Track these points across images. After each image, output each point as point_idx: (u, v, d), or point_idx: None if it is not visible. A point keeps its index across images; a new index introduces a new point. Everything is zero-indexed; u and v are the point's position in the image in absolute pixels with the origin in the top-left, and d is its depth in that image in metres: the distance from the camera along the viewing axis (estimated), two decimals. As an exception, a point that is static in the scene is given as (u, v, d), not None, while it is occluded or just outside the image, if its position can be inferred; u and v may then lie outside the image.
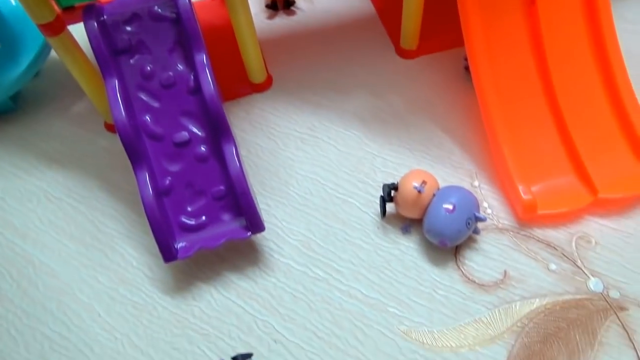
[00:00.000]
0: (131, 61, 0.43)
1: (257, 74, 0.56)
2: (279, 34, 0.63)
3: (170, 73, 0.43)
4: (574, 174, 0.43)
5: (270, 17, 0.65)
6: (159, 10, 0.43)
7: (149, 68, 0.43)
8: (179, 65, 0.43)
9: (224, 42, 0.58)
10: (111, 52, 0.42)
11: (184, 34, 0.43)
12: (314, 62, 0.59)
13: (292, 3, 0.65)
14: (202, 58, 0.42)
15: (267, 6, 0.65)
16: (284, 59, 0.60)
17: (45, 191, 0.51)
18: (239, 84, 0.57)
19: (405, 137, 0.51)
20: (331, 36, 0.62)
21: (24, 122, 0.58)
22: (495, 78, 0.44)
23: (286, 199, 0.48)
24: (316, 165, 0.50)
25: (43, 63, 0.58)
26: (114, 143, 0.54)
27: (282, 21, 0.65)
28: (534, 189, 0.42)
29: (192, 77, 0.43)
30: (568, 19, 0.45)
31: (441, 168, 0.48)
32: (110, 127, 0.55)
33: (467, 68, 0.47)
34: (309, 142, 0.52)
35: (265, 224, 0.46)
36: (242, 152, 0.52)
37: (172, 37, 0.43)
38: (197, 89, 0.43)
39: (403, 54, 0.58)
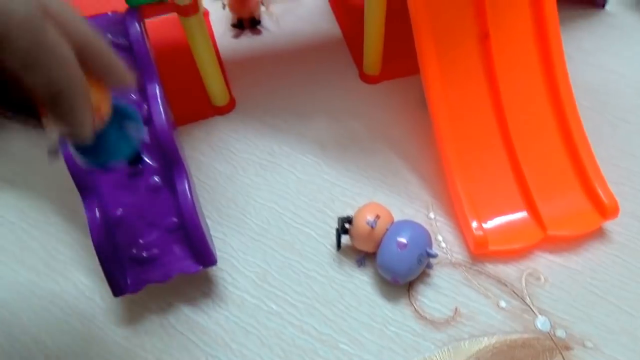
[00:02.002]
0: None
1: (218, 97, 0.55)
2: (244, 53, 0.63)
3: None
4: (526, 210, 0.43)
5: (236, 35, 0.64)
6: (112, 38, 0.42)
7: (101, 96, 0.42)
8: (131, 95, 0.43)
9: (186, 61, 0.57)
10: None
11: (136, 62, 0.42)
12: (278, 85, 0.59)
13: (258, 22, 0.65)
14: (155, 89, 0.41)
15: (233, 25, 0.65)
16: (248, 80, 0.60)
17: (-2, 215, 0.50)
18: (200, 105, 0.56)
19: (363, 164, 0.51)
20: (296, 58, 0.61)
21: (-21, 140, 0.57)
22: (450, 111, 0.45)
23: (243, 228, 0.47)
24: (274, 193, 0.50)
25: None
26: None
27: (247, 40, 0.64)
28: (485, 225, 0.42)
29: (145, 106, 0.42)
30: (521, 54, 0.46)
31: (398, 198, 0.48)
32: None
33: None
34: (268, 168, 0.52)
35: (221, 254, 0.46)
36: (200, 176, 0.51)
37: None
38: (150, 119, 0.42)
39: (366, 79, 0.58)
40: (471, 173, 0.44)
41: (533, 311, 0.40)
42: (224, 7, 0.64)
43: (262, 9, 0.65)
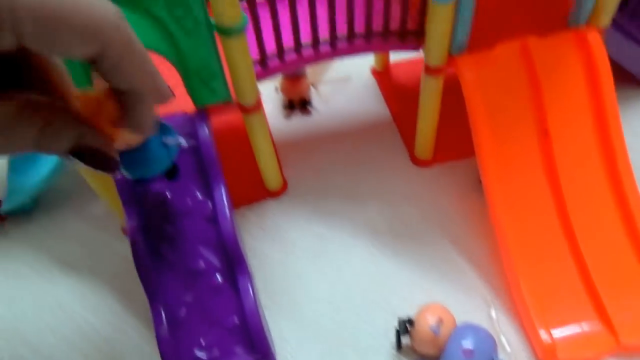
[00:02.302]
0: (150, 187, 0.44)
1: (272, 182, 0.56)
2: (294, 134, 0.64)
3: (188, 200, 0.44)
4: (595, 315, 0.42)
5: (287, 116, 0.66)
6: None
7: (167, 194, 0.44)
8: (197, 193, 0.44)
9: (241, 145, 0.58)
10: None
11: (203, 163, 0.44)
12: (328, 167, 0.60)
13: (308, 103, 0.66)
14: (221, 192, 0.42)
15: (285, 106, 0.66)
16: (299, 161, 0.61)
17: (58, 300, 0.51)
18: (254, 188, 0.57)
19: (418, 255, 0.50)
20: (346, 139, 0.62)
21: (40, 221, 0.59)
22: (510, 208, 0.44)
23: (299, 322, 0.47)
24: (328, 282, 0.49)
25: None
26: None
27: (298, 121, 0.66)
28: (554, 332, 0.41)
29: (209, 205, 0.44)
30: (582, 148, 0.45)
31: (455, 294, 0.47)
32: (127, 231, 0.56)
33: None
34: (321, 255, 0.52)
35: (279, 351, 0.45)
36: (254, 262, 0.52)
37: (192, 165, 0.44)
38: (214, 219, 0.43)
39: (418, 162, 0.58)
40: (534, 274, 0.43)
41: None
42: (276, 91, 0.66)
43: (312, 90, 0.67)
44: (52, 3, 0.22)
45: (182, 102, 0.47)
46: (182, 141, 0.36)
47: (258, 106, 0.47)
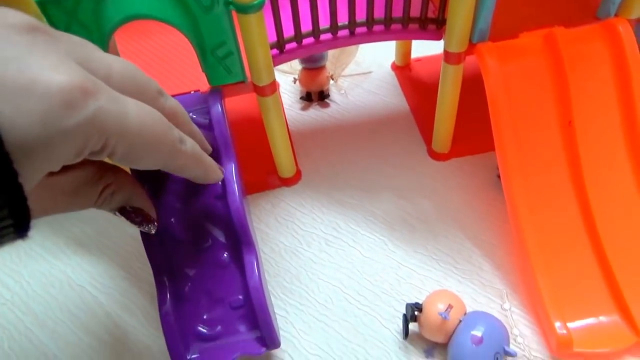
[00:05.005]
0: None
1: (286, 170, 0.56)
2: (311, 126, 0.64)
3: (199, 177, 0.43)
4: (615, 311, 0.40)
5: (304, 108, 0.66)
6: (194, 116, 0.44)
7: (178, 170, 0.44)
8: (207, 171, 0.44)
9: (256, 132, 0.58)
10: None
11: (215, 140, 0.43)
12: (344, 158, 0.59)
13: (327, 96, 0.66)
14: (231, 169, 0.42)
15: (302, 98, 0.66)
16: (315, 152, 0.60)
17: (69, 277, 0.52)
18: (268, 176, 0.57)
19: (432, 246, 0.49)
20: (363, 132, 0.62)
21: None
22: (528, 198, 0.43)
23: (306, 307, 0.46)
24: (339, 271, 0.48)
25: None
26: (140, 231, 0.54)
27: (315, 113, 0.65)
28: (569, 323, 0.39)
29: (220, 183, 0.43)
30: (607, 141, 0.44)
31: (469, 285, 0.46)
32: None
33: (499, 176, 0.46)
34: (333, 244, 0.51)
35: (283, 334, 0.44)
36: (265, 249, 0.51)
37: (204, 141, 0.44)
38: (223, 195, 0.43)
39: (435, 155, 0.57)
40: (552, 265, 0.41)
41: None
42: (294, 82, 0.66)
43: (331, 82, 0.66)
44: (145, 134, 0.27)
45: (198, 82, 0.47)
46: None
47: (273, 88, 0.47)
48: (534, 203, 0.43)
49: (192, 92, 0.46)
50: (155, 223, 0.36)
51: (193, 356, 0.40)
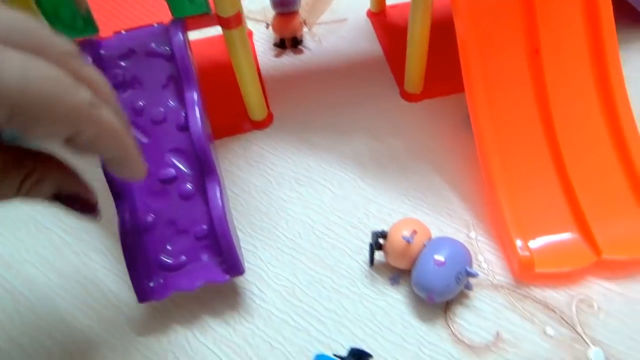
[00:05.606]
0: (124, 96, 0.43)
1: (257, 112, 0.55)
2: (285, 72, 0.63)
3: (162, 109, 0.43)
4: (577, 231, 0.40)
5: (278, 55, 0.65)
6: (155, 46, 0.43)
7: (140, 103, 0.43)
8: (170, 102, 0.43)
9: (227, 78, 0.58)
10: (103, 86, 0.42)
11: (177, 70, 0.43)
12: (317, 102, 0.58)
13: (300, 42, 0.65)
14: (193, 96, 0.41)
15: (275, 44, 0.65)
16: (288, 97, 0.59)
17: (36, 220, 0.51)
18: (239, 120, 0.56)
19: (402, 182, 0.49)
20: (337, 77, 0.61)
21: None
22: (495, 127, 0.43)
23: (274, 241, 0.46)
24: (308, 207, 0.48)
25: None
26: (109, 175, 0.53)
27: (289, 59, 0.64)
28: (532, 245, 0.39)
29: (183, 113, 0.43)
30: (574, 69, 0.43)
31: (437, 217, 0.46)
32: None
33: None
34: (304, 183, 0.50)
35: (250, 267, 0.44)
36: (235, 190, 0.51)
37: (166, 73, 0.43)
38: (187, 126, 0.42)
39: (407, 97, 0.57)
40: (517, 191, 0.41)
41: (585, 341, 0.36)
42: (267, 27, 0.65)
43: (305, 30, 0.65)
44: (30, 94, 0.22)
45: (162, 16, 0.46)
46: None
47: (238, 20, 0.46)
48: (500, 131, 0.43)
49: (155, 24, 0.45)
50: (98, 208, 0.32)
51: (156, 284, 0.40)
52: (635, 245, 0.39)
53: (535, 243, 0.40)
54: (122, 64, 0.43)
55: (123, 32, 0.44)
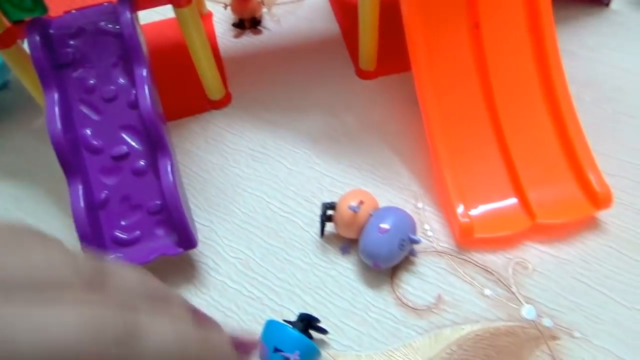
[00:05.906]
0: (74, 75, 0.43)
1: (214, 91, 0.56)
2: (244, 52, 0.64)
3: (112, 87, 0.43)
4: (514, 197, 0.42)
5: (237, 35, 0.65)
6: (104, 24, 0.44)
7: (91, 82, 0.43)
8: (120, 79, 0.44)
9: (186, 59, 0.58)
10: (53, 66, 0.42)
11: (126, 48, 0.43)
12: (275, 82, 0.59)
13: (259, 22, 0.66)
14: (142, 72, 0.42)
15: (234, 25, 0.66)
16: (247, 77, 0.60)
17: (-4, 205, 0.51)
18: (197, 100, 0.57)
19: (354, 157, 0.50)
20: (295, 56, 0.62)
21: (-16, 133, 0.58)
22: (439, 101, 0.44)
23: (229, 216, 0.47)
24: (264, 183, 0.49)
25: (7, 76, 0.59)
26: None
27: (248, 40, 0.65)
28: (472, 212, 0.41)
29: (133, 91, 0.43)
30: (513, 44, 0.45)
31: (387, 189, 0.47)
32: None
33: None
34: (260, 159, 0.52)
35: (205, 241, 0.45)
36: (193, 168, 0.52)
37: (116, 51, 0.44)
38: (138, 103, 0.43)
39: (362, 74, 0.58)
40: (460, 162, 0.43)
41: (519, 299, 0.39)
42: (225, 8, 0.65)
43: (264, 9, 0.66)
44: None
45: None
46: None
47: (189, -1, 0.47)
48: (445, 106, 0.44)
49: (105, 3, 0.45)
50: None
51: (111, 259, 0.41)
52: (567, 210, 0.41)
53: (476, 210, 0.41)
54: (72, 42, 0.43)
55: (73, 11, 0.45)
